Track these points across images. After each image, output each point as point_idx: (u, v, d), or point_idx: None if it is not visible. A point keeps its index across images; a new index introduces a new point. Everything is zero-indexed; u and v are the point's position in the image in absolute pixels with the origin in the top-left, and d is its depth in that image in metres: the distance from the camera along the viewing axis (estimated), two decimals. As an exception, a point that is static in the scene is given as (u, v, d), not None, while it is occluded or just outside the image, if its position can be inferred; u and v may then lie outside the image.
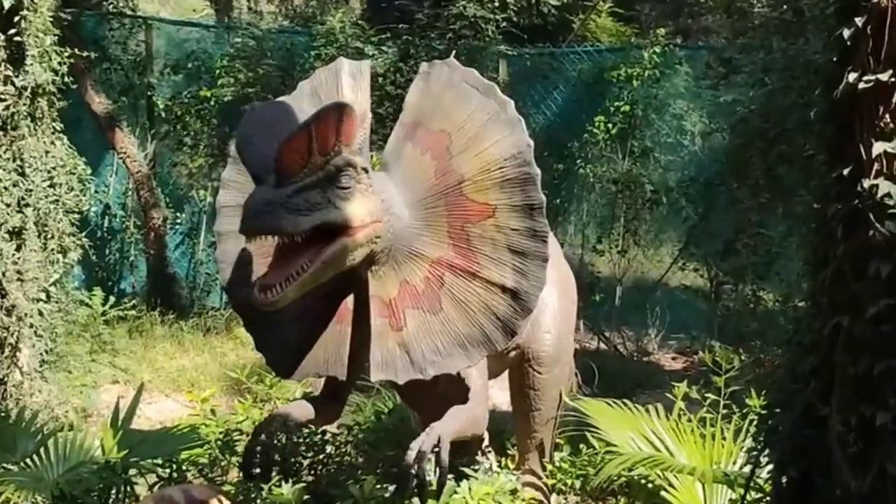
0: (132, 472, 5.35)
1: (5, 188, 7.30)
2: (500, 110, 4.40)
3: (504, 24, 11.08)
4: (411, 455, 4.26)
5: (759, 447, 3.93)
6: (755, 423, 5.27)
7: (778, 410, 3.80)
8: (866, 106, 3.31)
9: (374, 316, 4.43)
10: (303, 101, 4.71)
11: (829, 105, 3.40)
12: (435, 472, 4.36)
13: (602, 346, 10.97)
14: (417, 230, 4.42)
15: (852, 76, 3.30)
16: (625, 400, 5.79)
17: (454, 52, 6.27)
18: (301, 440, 5.65)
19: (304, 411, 4.84)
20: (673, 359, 11.01)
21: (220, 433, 5.87)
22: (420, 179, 4.44)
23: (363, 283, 4.45)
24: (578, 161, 11.15)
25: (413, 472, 4.23)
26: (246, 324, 4.90)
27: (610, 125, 10.89)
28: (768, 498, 4.25)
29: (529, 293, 4.38)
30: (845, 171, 3.36)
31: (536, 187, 4.32)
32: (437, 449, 4.32)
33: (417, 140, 4.51)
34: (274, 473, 4.70)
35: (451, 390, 4.72)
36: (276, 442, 4.67)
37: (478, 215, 4.36)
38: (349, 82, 4.70)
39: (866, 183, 3.31)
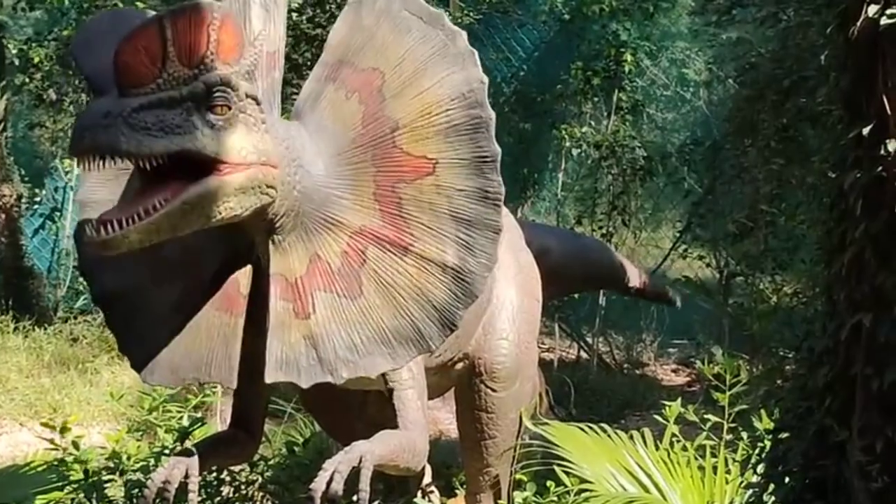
0: (-32, 526, 5.32)
1: None
2: (448, 42, 4.40)
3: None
4: (322, 478, 4.24)
5: (763, 482, 3.97)
6: (764, 451, 5.32)
7: (786, 435, 3.84)
8: (890, 47, 3.33)
9: (275, 299, 4.37)
10: None
11: (844, 47, 3.42)
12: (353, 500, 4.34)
13: (583, 355, 11.03)
14: (335, 191, 4.38)
15: (872, 8, 3.32)
16: (603, 424, 5.82)
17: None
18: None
19: (213, 451, 4.84)
20: (673, 371, 11.11)
21: (87, 472, 5.84)
22: (342, 128, 4.42)
23: (261, 257, 4.43)
24: (551, 120, 11.18)
25: (324, 499, 4.21)
26: (107, 318, 4.80)
27: (590, 74, 10.91)
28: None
29: (475, 273, 4.36)
30: (865, 131, 3.38)
31: (489, 136, 4.31)
32: (357, 469, 4.31)
33: (342, 81, 4.50)
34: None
35: (383, 414, 4.72)
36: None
37: (413, 172, 4.34)
38: (260, 13, 4.65)
39: (891, 145, 3.34)
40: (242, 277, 4.51)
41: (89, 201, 4.69)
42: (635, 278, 7.70)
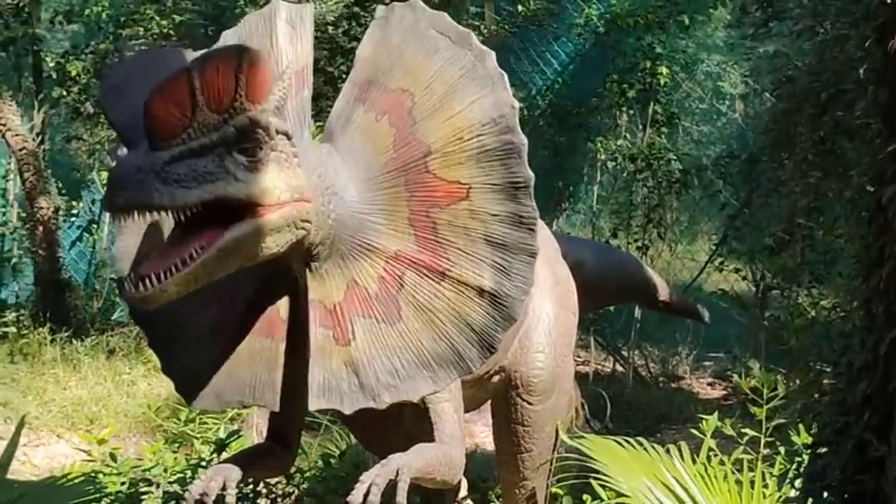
0: (7, 538, 5.35)
1: None
2: (477, 63, 4.38)
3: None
4: (360, 490, 4.25)
5: (801, 496, 3.95)
6: (803, 466, 5.30)
7: (825, 450, 3.83)
8: (930, 61, 3.33)
9: (315, 326, 4.37)
10: None
11: (883, 60, 3.41)
12: None
13: (618, 368, 11.00)
14: (369, 216, 4.38)
15: (913, 23, 3.33)
16: (640, 438, 5.81)
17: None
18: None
19: (251, 463, 4.85)
20: (709, 385, 11.07)
21: (123, 484, 5.87)
22: (374, 152, 4.42)
23: (300, 283, 4.44)
24: (586, 133, 11.17)
25: None
26: (150, 339, 4.86)
27: (626, 87, 10.91)
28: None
29: (513, 297, 4.36)
30: (904, 145, 3.39)
31: (522, 161, 4.30)
32: (394, 482, 4.32)
33: (371, 102, 4.49)
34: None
35: (420, 427, 4.72)
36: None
37: (447, 197, 4.33)
38: (286, 31, 4.66)
39: (930, 160, 3.34)
40: (282, 302, 4.53)
41: (127, 251, 4.71)
42: (664, 292, 7.69)
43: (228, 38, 4.79)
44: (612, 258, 7.96)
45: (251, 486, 5.88)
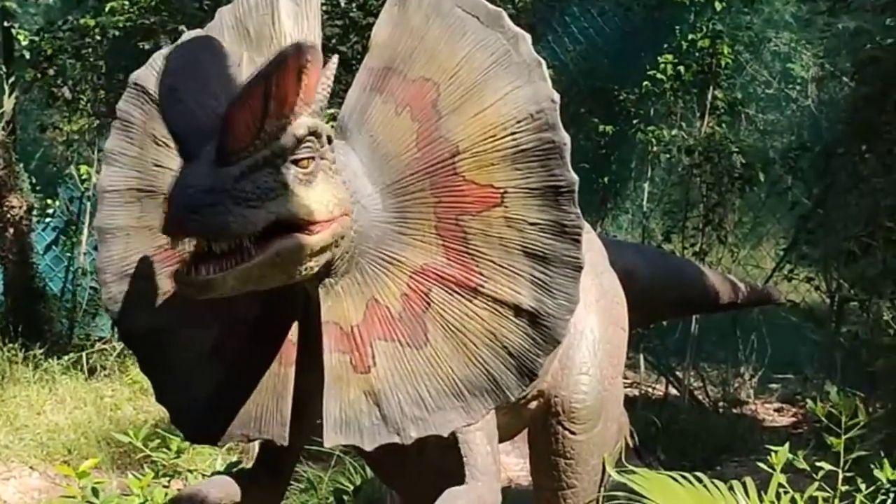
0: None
1: None
2: (511, 49, 4.35)
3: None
4: None
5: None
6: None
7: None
8: None
9: (329, 352, 4.38)
10: (223, 37, 4.70)
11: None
12: None
13: (672, 391, 11.00)
14: (392, 225, 4.37)
15: None
16: (698, 473, 5.80)
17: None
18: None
19: (228, 491, 4.85)
20: (777, 411, 11.06)
21: (106, 523, 5.90)
22: (394, 151, 4.40)
23: (312, 303, 4.44)
24: (636, 121, 11.18)
25: None
26: (142, 363, 4.88)
27: (682, 68, 10.91)
28: None
29: (555, 317, 4.33)
30: None
31: (564, 162, 4.27)
32: None
33: (390, 92, 4.48)
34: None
35: (446, 460, 4.71)
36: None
37: (479, 203, 4.30)
38: (290, 9, 4.66)
39: None
40: (291, 322, 4.54)
41: (109, 227, 4.77)
42: (727, 293, 7.68)
43: (224, 17, 4.81)
44: (669, 265, 7.95)
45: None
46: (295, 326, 4.54)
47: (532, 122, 4.23)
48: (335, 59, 4.37)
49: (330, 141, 4.14)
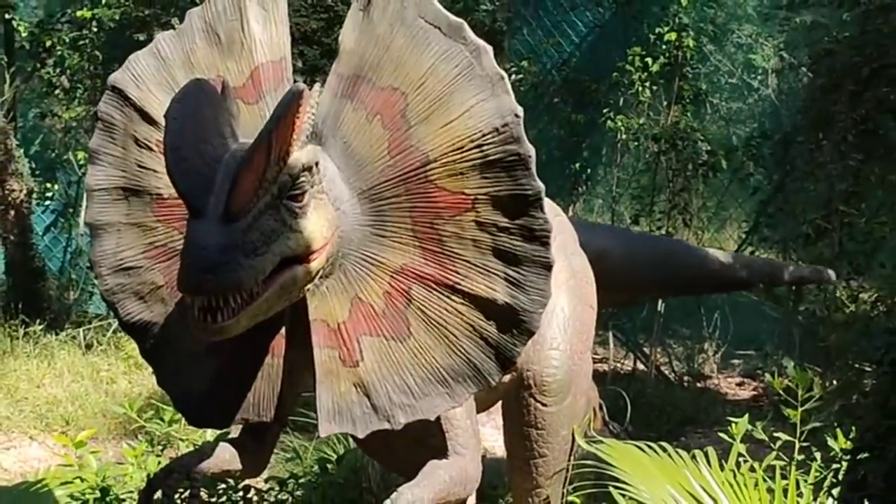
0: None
1: None
2: (473, 62, 4.32)
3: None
4: None
5: (840, 507, 3.96)
6: (841, 473, 5.30)
7: (866, 456, 3.83)
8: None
9: (319, 348, 4.40)
10: (195, 42, 4.69)
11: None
12: None
13: (639, 366, 11.02)
14: (371, 228, 4.37)
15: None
16: (663, 442, 5.81)
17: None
18: (213, 500, 5.66)
19: (217, 459, 4.84)
20: (738, 384, 11.08)
21: (98, 488, 5.88)
22: (369, 157, 4.37)
23: (300, 302, 4.44)
24: (606, 110, 11.16)
25: None
26: (143, 350, 4.89)
27: (650, 60, 10.89)
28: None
29: (530, 311, 4.33)
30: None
31: (530, 172, 4.25)
32: None
33: (360, 100, 4.43)
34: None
35: (428, 433, 4.72)
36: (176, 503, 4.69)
37: (452, 208, 4.30)
38: (258, 14, 4.64)
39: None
40: (281, 319, 4.58)
41: (100, 223, 4.78)
42: (758, 273, 7.78)
43: (194, 20, 4.78)
44: (650, 246, 7.98)
45: (240, 494, 5.89)
46: (284, 321, 4.60)
47: (498, 135, 4.23)
48: (317, 87, 4.42)
49: (317, 164, 4.16)
